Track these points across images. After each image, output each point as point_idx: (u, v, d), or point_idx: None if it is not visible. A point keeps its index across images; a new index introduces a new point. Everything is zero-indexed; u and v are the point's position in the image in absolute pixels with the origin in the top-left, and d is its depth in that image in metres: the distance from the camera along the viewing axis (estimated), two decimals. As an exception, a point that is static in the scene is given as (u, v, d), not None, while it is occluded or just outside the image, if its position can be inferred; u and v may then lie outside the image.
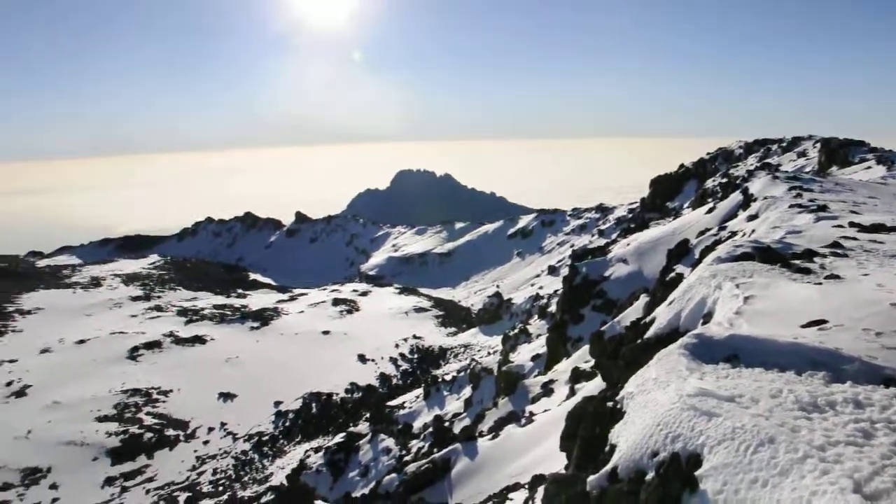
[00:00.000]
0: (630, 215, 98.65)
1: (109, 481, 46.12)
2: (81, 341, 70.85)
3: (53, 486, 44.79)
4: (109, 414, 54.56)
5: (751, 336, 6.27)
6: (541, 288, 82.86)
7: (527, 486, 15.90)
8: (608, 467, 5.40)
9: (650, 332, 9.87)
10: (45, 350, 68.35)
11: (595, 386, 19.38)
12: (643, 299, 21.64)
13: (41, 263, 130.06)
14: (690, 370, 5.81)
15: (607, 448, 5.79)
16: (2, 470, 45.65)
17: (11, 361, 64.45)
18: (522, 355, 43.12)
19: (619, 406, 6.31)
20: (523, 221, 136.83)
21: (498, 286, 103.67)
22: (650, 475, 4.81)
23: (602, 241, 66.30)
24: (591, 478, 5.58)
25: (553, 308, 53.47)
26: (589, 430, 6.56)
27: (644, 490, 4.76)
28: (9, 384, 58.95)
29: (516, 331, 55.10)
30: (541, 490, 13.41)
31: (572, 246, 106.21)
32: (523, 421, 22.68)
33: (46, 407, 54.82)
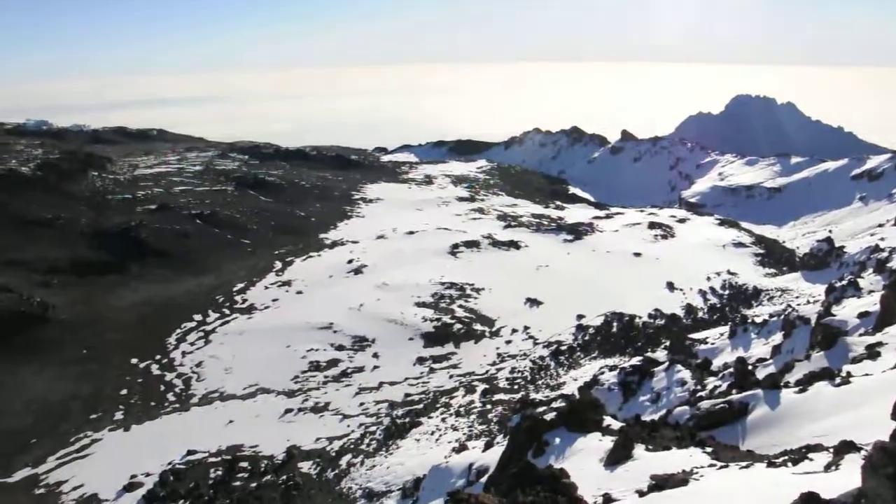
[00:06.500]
0: None
1: (420, 361, 51.15)
2: (411, 232, 78.23)
3: (375, 355, 51.08)
4: (427, 301, 60.00)
5: None
6: (882, 239, 72.82)
7: (831, 451, 14.46)
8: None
9: None
10: (380, 236, 76.74)
11: (935, 357, 16.82)
12: None
13: (385, 158, 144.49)
14: None
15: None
16: (338, 334, 53.14)
17: (354, 242, 73.62)
18: (847, 310, 38.68)
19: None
20: (873, 162, 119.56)
21: (830, 231, 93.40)
22: None
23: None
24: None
25: (895, 264, 47.19)
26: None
27: None
28: (350, 262, 67.49)
29: (844, 282, 49.45)
30: (847, 458, 12.12)
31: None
32: (838, 380, 20.52)
33: (377, 286, 61.89)
